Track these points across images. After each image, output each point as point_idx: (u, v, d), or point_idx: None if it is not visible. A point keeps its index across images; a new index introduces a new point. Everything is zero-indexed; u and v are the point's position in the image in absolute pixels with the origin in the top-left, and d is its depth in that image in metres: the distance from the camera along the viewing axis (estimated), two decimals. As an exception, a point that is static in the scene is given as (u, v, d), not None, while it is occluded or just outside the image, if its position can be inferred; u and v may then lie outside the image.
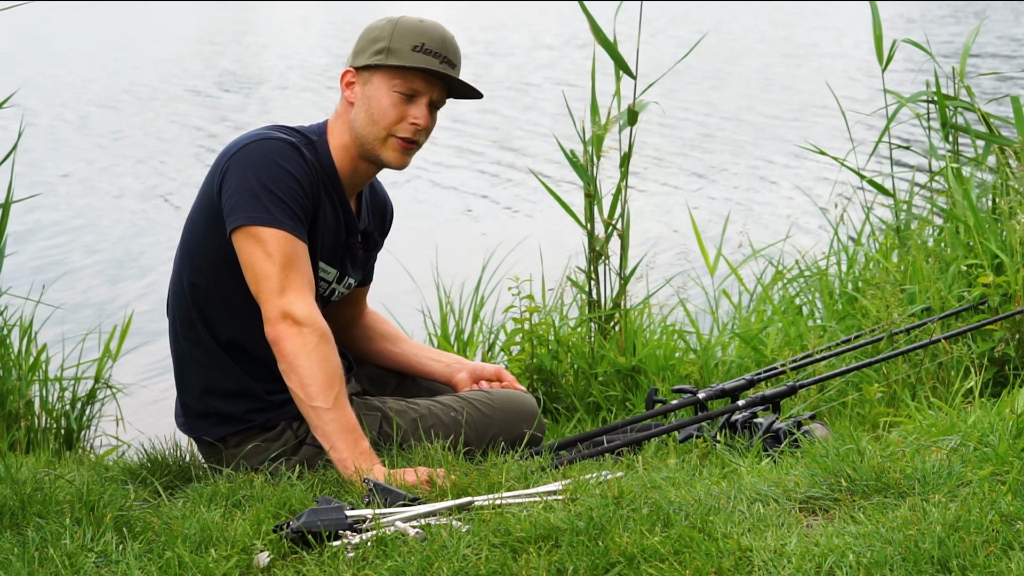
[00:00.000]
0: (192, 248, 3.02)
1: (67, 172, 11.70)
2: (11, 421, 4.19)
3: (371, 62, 2.97)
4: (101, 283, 7.94)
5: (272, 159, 2.90)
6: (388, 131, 2.99)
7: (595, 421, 4.21)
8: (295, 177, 2.90)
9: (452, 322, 4.70)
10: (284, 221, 2.87)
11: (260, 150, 2.91)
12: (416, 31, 2.96)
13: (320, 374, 2.83)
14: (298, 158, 2.92)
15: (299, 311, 2.84)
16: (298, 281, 2.86)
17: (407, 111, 2.98)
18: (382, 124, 2.98)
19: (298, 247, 2.88)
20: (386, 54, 2.95)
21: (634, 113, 4.46)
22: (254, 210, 2.86)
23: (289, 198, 2.88)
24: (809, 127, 13.52)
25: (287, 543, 2.43)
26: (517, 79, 18.45)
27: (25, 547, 2.42)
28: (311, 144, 3.01)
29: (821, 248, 5.28)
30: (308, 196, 2.93)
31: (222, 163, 2.95)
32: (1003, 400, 3.26)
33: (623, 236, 4.50)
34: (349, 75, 3.02)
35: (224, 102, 16.66)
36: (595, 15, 4.52)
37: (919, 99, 5.09)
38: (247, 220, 2.86)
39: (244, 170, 2.89)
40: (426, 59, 2.95)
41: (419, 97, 2.99)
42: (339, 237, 3.07)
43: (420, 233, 8.84)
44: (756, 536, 2.33)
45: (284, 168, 2.89)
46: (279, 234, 2.86)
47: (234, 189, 2.89)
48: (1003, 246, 4.17)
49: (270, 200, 2.86)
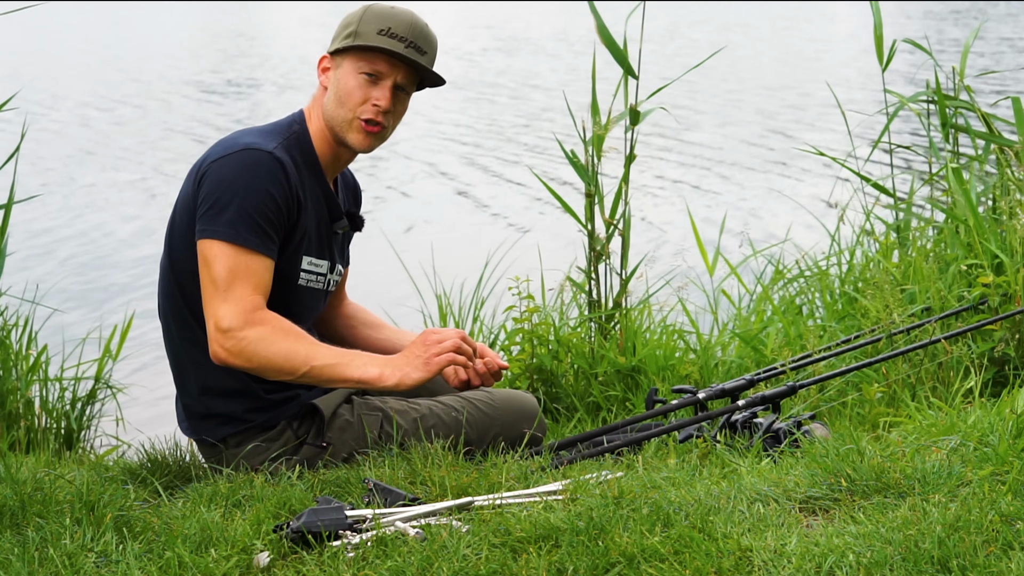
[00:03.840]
0: (178, 251, 3.01)
1: (67, 172, 11.71)
2: (11, 421, 4.19)
3: (340, 46, 3.02)
4: (101, 283, 7.94)
5: (251, 172, 2.89)
6: (354, 113, 3.01)
7: (595, 421, 4.21)
8: (270, 194, 2.89)
9: (452, 322, 4.70)
10: (249, 238, 2.86)
11: (241, 161, 2.90)
12: (384, 16, 3.01)
13: (278, 355, 2.85)
14: (278, 172, 2.91)
15: (227, 321, 2.85)
16: (241, 291, 2.86)
17: (370, 93, 3.01)
18: (348, 106, 3.00)
19: (254, 263, 2.87)
20: (353, 37, 3.00)
21: (636, 113, 4.46)
22: (221, 224, 2.86)
23: (259, 214, 2.87)
24: (810, 127, 13.52)
25: (287, 543, 2.43)
26: (518, 79, 18.45)
27: (25, 547, 2.42)
28: (295, 137, 3.01)
29: (821, 248, 5.28)
30: (282, 212, 2.92)
31: (202, 167, 2.95)
32: (1003, 400, 3.26)
33: (624, 236, 4.50)
34: (325, 61, 3.06)
35: (224, 102, 16.66)
36: (598, 16, 4.51)
37: (919, 99, 5.09)
38: (210, 233, 2.87)
39: (220, 181, 2.89)
40: (391, 42, 2.98)
41: (383, 79, 3.01)
42: (323, 228, 3.08)
43: (420, 233, 8.84)
44: (756, 536, 2.33)
45: (260, 183, 2.88)
46: (234, 249, 2.86)
47: (206, 197, 2.90)
48: (1003, 246, 4.17)
49: (237, 214, 2.86)
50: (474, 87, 17.56)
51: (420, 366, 2.92)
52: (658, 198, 10.18)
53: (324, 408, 3.03)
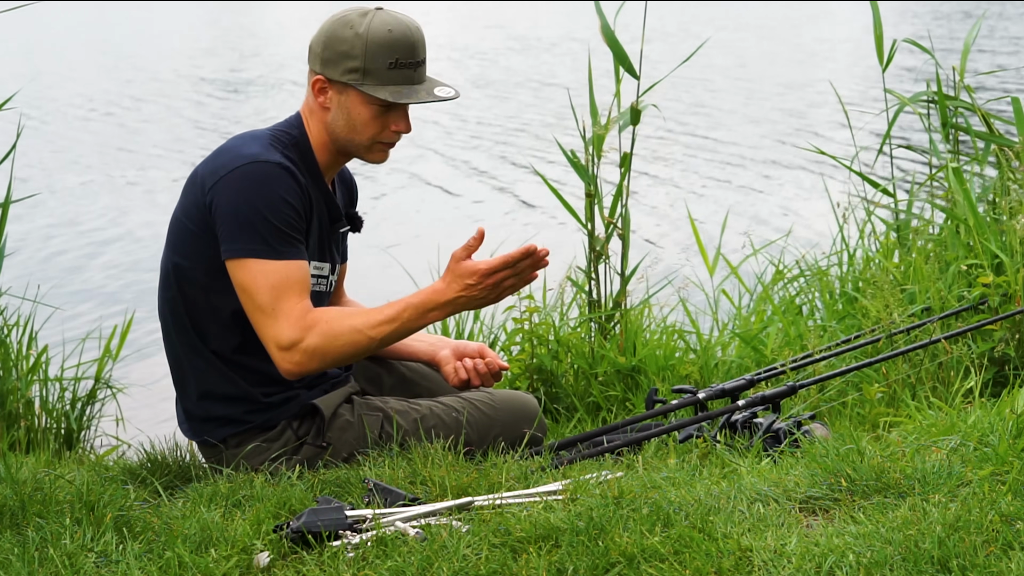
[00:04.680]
0: (180, 259, 3.00)
1: (68, 172, 11.71)
2: (11, 421, 4.19)
3: (346, 80, 2.94)
4: (102, 283, 7.94)
5: (267, 186, 2.88)
6: (372, 140, 3.00)
7: (595, 421, 4.21)
8: (289, 203, 2.89)
9: (452, 321, 4.70)
10: (282, 250, 2.87)
11: (254, 175, 2.89)
12: (387, 44, 2.92)
13: (345, 347, 2.89)
14: (290, 180, 2.91)
15: (284, 338, 2.86)
16: (287, 304, 2.87)
17: (388, 121, 2.99)
18: (365, 135, 2.99)
19: (292, 270, 2.88)
20: (361, 75, 2.93)
21: (636, 112, 4.46)
22: (251, 241, 2.86)
23: (286, 225, 2.88)
24: (812, 126, 13.52)
25: (287, 543, 2.43)
26: (520, 78, 18.45)
27: (25, 547, 2.42)
28: (295, 144, 3.00)
29: (822, 248, 5.28)
30: (302, 217, 2.93)
31: (210, 181, 2.92)
32: (1003, 400, 3.26)
33: (624, 236, 4.49)
34: (318, 83, 2.98)
35: (225, 102, 16.66)
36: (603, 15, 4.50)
37: (919, 99, 5.09)
38: (245, 252, 2.86)
39: (238, 196, 2.87)
40: (402, 74, 2.93)
41: (397, 107, 2.99)
42: (324, 230, 3.08)
43: (421, 232, 8.84)
44: (756, 536, 2.33)
45: (279, 195, 2.88)
46: (276, 265, 2.86)
47: (230, 217, 2.87)
48: (1003, 246, 4.17)
49: (266, 229, 2.86)
50: (477, 87, 17.56)
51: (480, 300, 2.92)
52: (658, 198, 10.19)
53: (324, 408, 3.03)
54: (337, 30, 2.95)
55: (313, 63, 2.99)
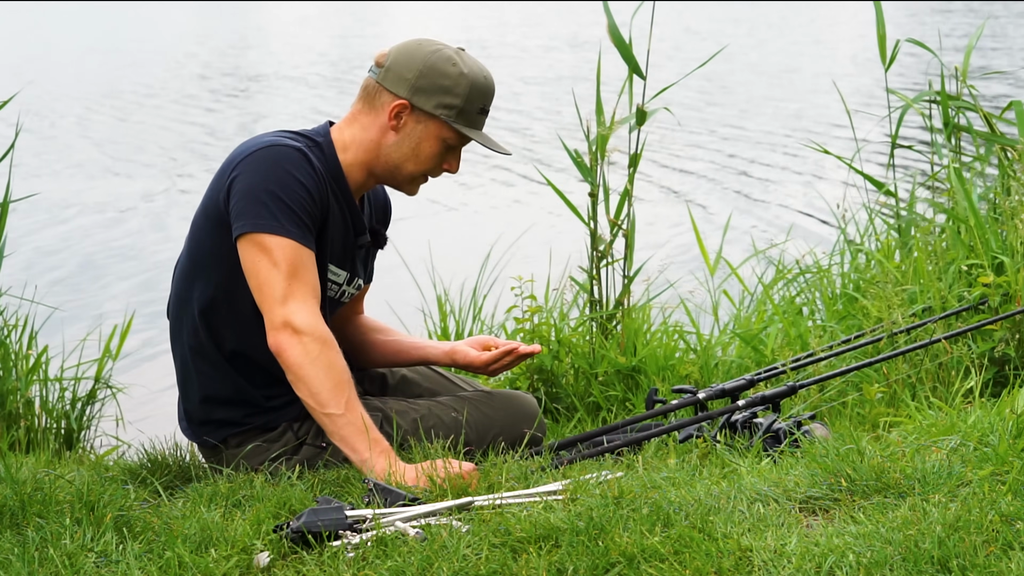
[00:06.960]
0: (199, 256, 3.00)
1: (67, 172, 11.71)
2: (11, 421, 4.19)
3: (437, 114, 2.97)
4: (102, 283, 7.94)
5: (281, 166, 2.89)
6: (424, 172, 3.04)
7: (595, 421, 4.21)
8: (304, 185, 2.89)
9: (452, 321, 4.70)
10: (291, 229, 2.86)
11: (269, 156, 2.90)
12: (482, 90, 2.99)
13: (327, 381, 2.83)
14: (307, 165, 2.91)
15: (300, 320, 2.83)
16: (302, 289, 2.86)
17: (446, 158, 3.04)
18: (423, 166, 3.03)
19: (303, 255, 2.87)
20: (457, 114, 2.97)
21: (643, 114, 4.45)
22: (260, 217, 2.85)
23: (297, 206, 2.88)
24: (814, 126, 13.52)
25: (287, 543, 2.43)
26: (521, 78, 18.45)
27: (25, 547, 2.42)
28: (318, 146, 3.00)
29: (824, 248, 5.28)
30: (317, 204, 2.92)
31: (229, 169, 2.93)
32: (1003, 400, 3.26)
33: (628, 236, 4.48)
34: (400, 108, 2.97)
35: (225, 103, 16.67)
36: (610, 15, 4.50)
37: (922, 99, 5.08)
38: (253, 227, 2.85)
39: (252, 176, 2.88)
40: (481, 119, 3.03)
41: (458, 148, 3.05)
42: (348, 239, 3.07)
43: (421, 232, 8.84)
44: (756, 536, 2.33)
45: (293, 175, 2.88)
46: (285, 242, 2.85)
47: (242, 195, 2.87)
48: (1004, 246, 4.17)
49: (277, 207, 2.86)
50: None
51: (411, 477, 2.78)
52: (659, 198, 10.18)
53: (324, 408, 3.02)
54: (438, 64, 2.96)
55: (397, 87, 2.97)
